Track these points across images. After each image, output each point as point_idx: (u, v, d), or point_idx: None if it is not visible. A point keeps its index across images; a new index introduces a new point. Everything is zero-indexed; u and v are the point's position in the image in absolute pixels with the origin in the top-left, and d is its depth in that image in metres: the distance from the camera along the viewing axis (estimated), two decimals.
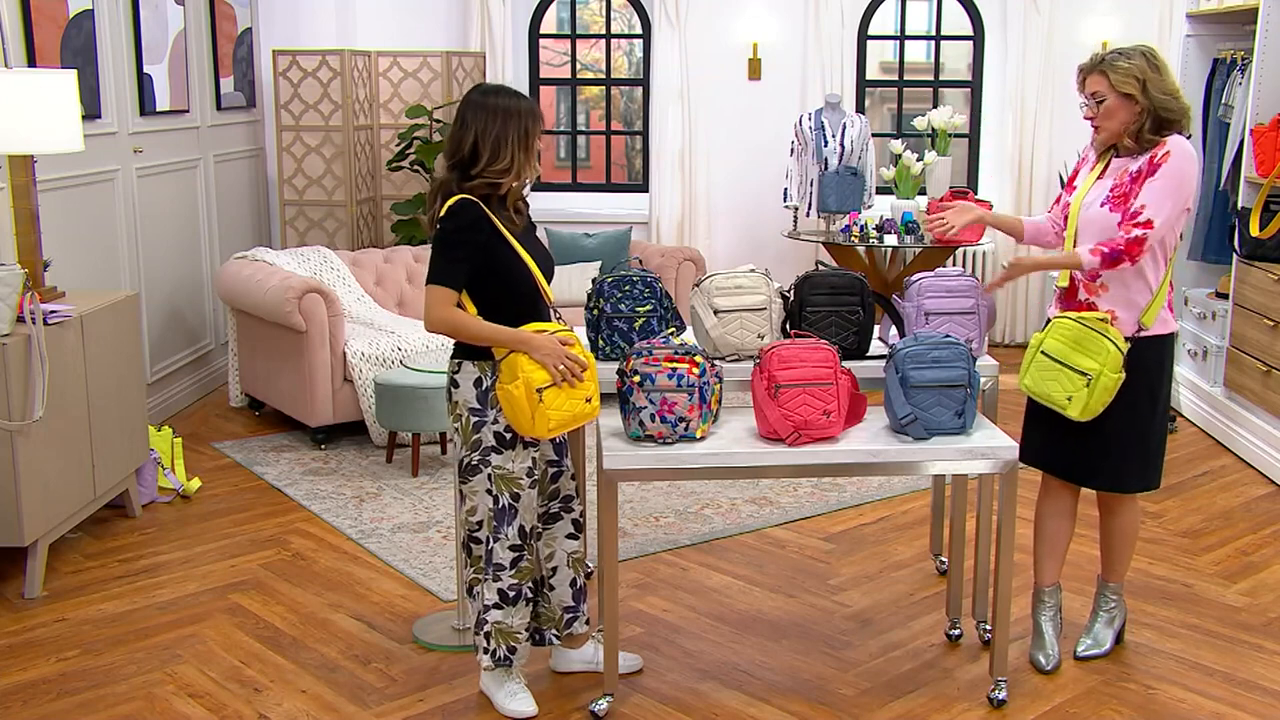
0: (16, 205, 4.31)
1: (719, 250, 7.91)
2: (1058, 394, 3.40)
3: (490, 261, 3.17)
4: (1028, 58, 7.62)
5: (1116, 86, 3.40)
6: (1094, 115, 3.47)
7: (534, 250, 3.27)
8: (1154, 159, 3.40)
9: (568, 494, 3.44)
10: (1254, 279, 5.50)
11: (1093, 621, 3.76)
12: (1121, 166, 3.50)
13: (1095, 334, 3.34)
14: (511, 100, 3.19)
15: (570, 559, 3.46)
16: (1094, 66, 3.45)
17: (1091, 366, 3.34)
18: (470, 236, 3.14)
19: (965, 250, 7.53)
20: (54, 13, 5.09)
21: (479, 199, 3.16)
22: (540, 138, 3.24)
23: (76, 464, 4.34)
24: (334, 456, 5.61)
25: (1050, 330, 3.44)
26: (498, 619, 3.31)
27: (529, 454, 3.25)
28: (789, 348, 3.26)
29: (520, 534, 3.27)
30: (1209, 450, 5.76)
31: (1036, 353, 3.45)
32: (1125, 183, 3.44)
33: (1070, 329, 3.39)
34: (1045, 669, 3.63)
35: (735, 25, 7.80)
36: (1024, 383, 3.50)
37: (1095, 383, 3.32)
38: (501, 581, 3.29)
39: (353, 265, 6.54)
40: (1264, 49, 5.61)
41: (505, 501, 3.26)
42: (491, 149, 3.13)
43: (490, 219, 3.16)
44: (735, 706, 3.42)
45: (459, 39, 7.80)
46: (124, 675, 3.58)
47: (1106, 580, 3.75)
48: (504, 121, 3.14)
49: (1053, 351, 3.40)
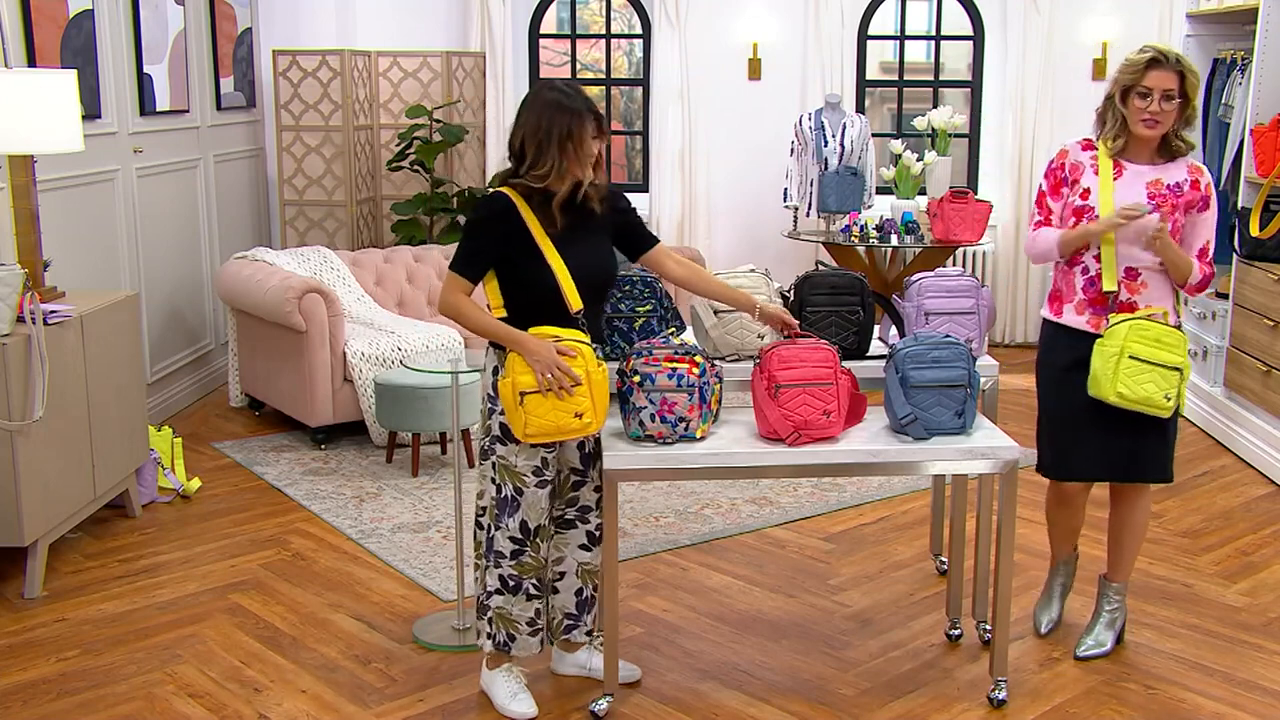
0: (16, 205, 4.31)
1: (719, 250, 7.91)
2: (1156, 395, 3.37)
3: (512, 258, 3.16)
4: (1028, 58, 7.62)
5: (1189, 90, 3.41)
6: (1160, 113, 3.40)
7: (579, 256, 3.17)
8: (1198, 186, 3.49)
9: (586, 504, 3.40)
10: (1254, 279, 5.50)
11: (1094, 622, 3.77)
12: (1148, 175, 3.48)
13: (1170, 329, 3.39)
14: (562, 97, 3.10)
15: (580, 569, 3.44)
16: (1170, 63, 3.40)
17: (1178, 361, 3.39)
18: (491, 229, 3.15)
19: (965, 250, 7.53)
20: (54, 13, 5.09)
21: (523, 195, 3.14)
22: (597, 140, 3.12)
23: (76, 464, 4.34)
24: (334, 456, 5.61)
25: (1129, 334, 3.36)
26: (499, 604, 3.32)
27: (537, 453, 3.23)
28: (789, 348, 3.26)
29: (523, 529, 3.26)
30: (1209, 450, 5.76)
31: (1122, 359, 3.35)
32: (1167, 195, 3.46)
33: (1149, 329, 3.36)
34: (1041, 631, 3.80)
35: (735, 25, 7.80)
36: (1117, 391, 3.37)
37: (1184, 375, 3.39)
38: (502, 569, 3.29)
39: (353, 265, 6.54)
40: (1264, 49, 5.61)
41: (509, 492, 3.25)
42: (536, 149, 3.10)
43: (520, 216, 3.13)
44: (735, 706, 3.42)
45: (459, 39, 7.80)
46: (124, 675, 3.58)
47: (1111, 580, 3.76)
48: (549, 121, 3.08)
49: (1142, 355, 3.35)
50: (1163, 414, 3.41)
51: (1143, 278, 3.49)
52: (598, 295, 3.29)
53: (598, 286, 3.27)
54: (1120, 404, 3.39)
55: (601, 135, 3.14)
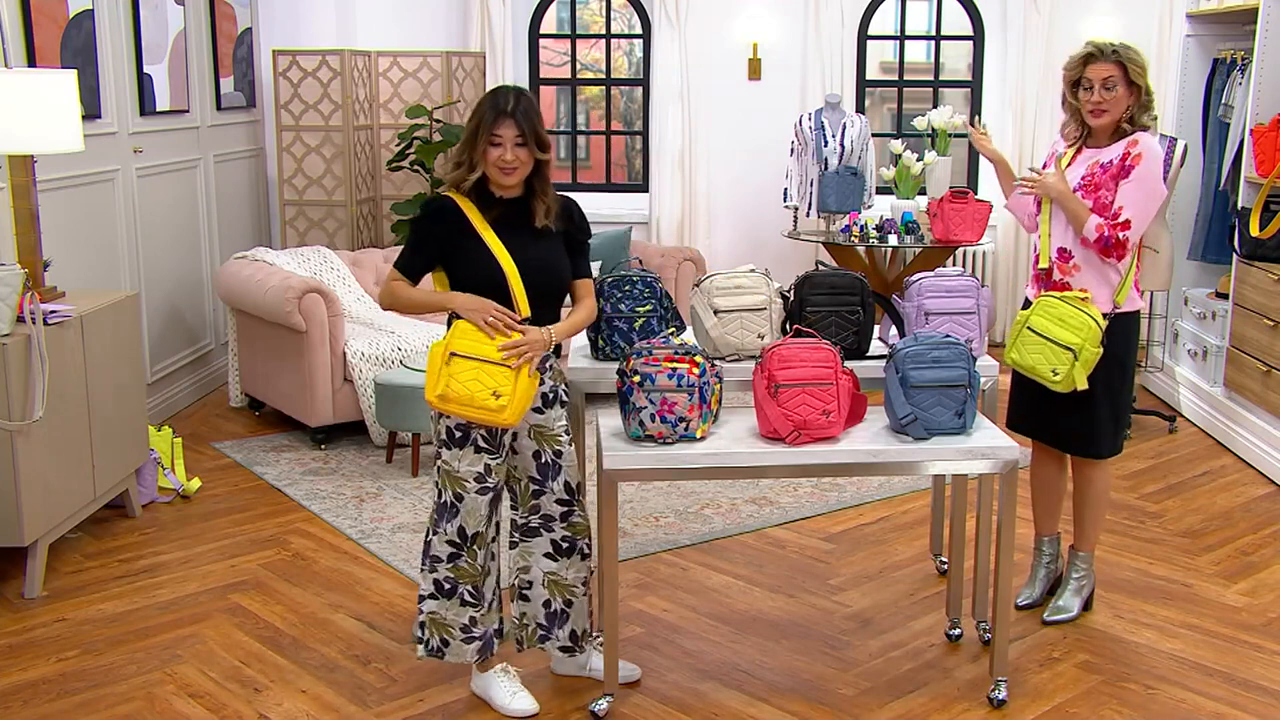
0: (16, 205, 4.31)
1: (719, 250, 7.91)
2: (1043, 367, 3.61)
3: (453, 254, 3.21)
4: (1028, 58, 7.62)
5: (1132, 76, 3.63)
6: (1103, 101, 3.65)
7: (530, 259, 3.20)
8: (1126, 158, 3.65)
9: (548, 513, 3.37)
10: (1254, 279, 5.50)
11: (1062, 589, 3.97)
12: (1092, 157, 3.74)
13: (1078, 311, 3.57)
14: (488, 97, 3.20)
15: (548, 579, 3.41)
16: (1106, 55, 3.63)
17: (1075, 341, 3.55)
18: (429, 228, 3.22)
19: (965, 250, 7.53)
20: (54, 13, 5.09)
21: (466, 195, 3.20)
22: (493, 132, 3.12)
23: (76, 464, 4.34)
24: (334, 456, 5.61)
25: (1035, 308, 3.65)
26: (431, 609, 3.31)
27: (481, 459, 3.22)
28: (789, 347, 3.26)
29: (460, 534, 3.25)
30: (1209, 450, 5.76)
31: (1023, 329, 3.65)
32: (1096, 173, 3.70)
33: (1054, 306, 3.61)
34: (1019, 604, 3.97)
35: (735, 25, 7.80)
36: (1010, 356, 3.69)
37: (1079, 356, 3.54)
38: (437, 573, 3.29)
39: (353, 265, 6.54)
40: (1264, 49, 5.61)
41: (448, 498, 3.25)
42: (460, 145, 3.23)
43: (461, 213, 3.19)
44: (735, 706, 3.42)
45: (459, 39, 7.80)
46: (124, 675, 3.58)
47: (1078, 549, 3.98)
48: (472, 118, 3.20)
49: (1038, 328, 3.62)
50: (1054, 387, 3.60)
51: (1074, 261, 3.73)
52: (548, 300, 3.26)
53: (547, 289, 3.26)
54: (1015, 368, 3.70)
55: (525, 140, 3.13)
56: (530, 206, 3.24)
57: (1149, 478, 5.36)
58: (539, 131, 3.17)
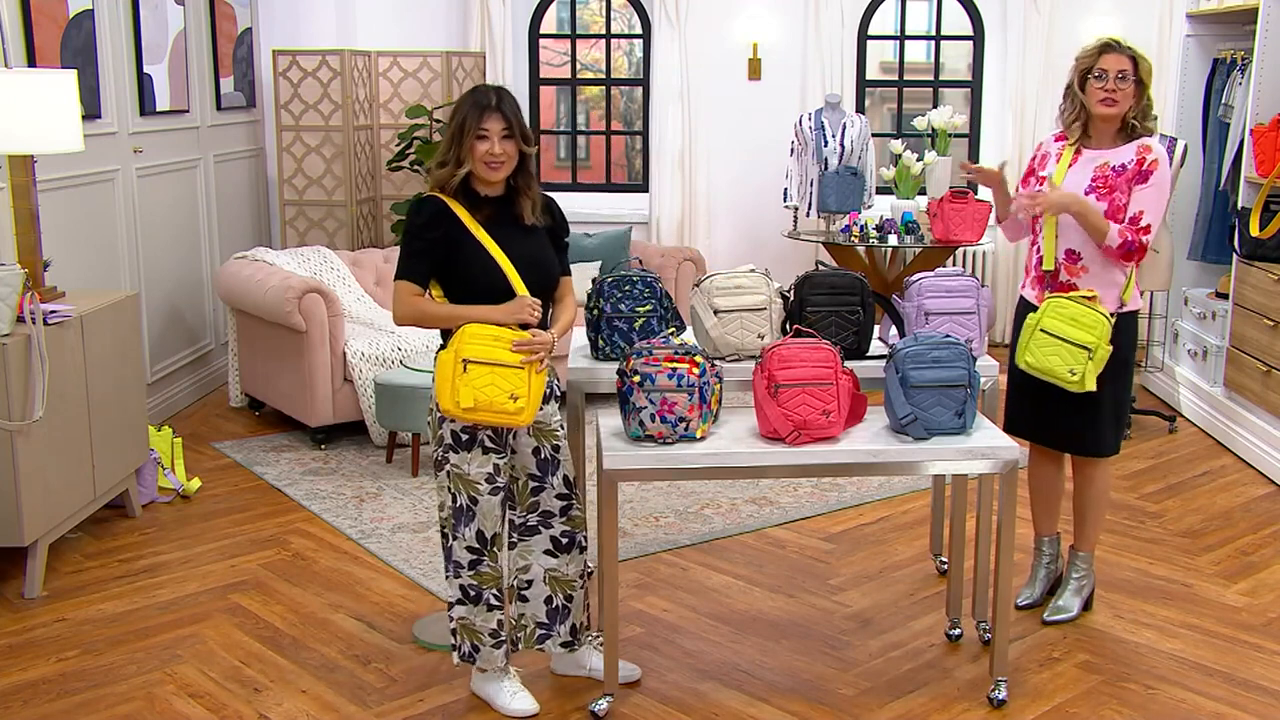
0: (16, 205, 4.31)
1: (719, 250, 7.90)
2: (1060, 369, 3.58)
3: (452, 255, 3.19)
4: (1028, 58, 7.62)
5: (1141, 73, 3.65)
6: (1115, 91, 3.63)
7: (521, 252, 3.22)
8: (1142, 163, 3.65)
9: (548, 509, 3.38)
10: (1254, 279, 5.50)
11: (1062, 589, 3.97)
12: (1099, 159, 3.71)
13: (1088, 310, 3.56)
14: (469, 94, 3.19)
15: (548, 576, 3.42)
16: (1122, 48, 3.66)
17: (1090, 340, 3.54)
18: (426, 232, 3.19)
19: (965, 250, 7.53)
20: (54, 13, 5.09)
21: (452, 195, 3.19)
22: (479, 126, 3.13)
23: (76, 464, 4.33)
24: (334, 456, 5.61)
25: (1045, 310, 3.62)
26: (461, 615, 3.32)
27: (490, 459, 3.22)
28: (789, 347, 3.26)
29: (479, 538, 3.26)
30: (1209, 450, 5.76)
31: (1035, 331, 3.61)
32: (1109, 176, 3.67)
33: (1065, 307, 3.60)
34: (1019, 604, 3.96)
35: (735, 25, 7.80)
36: (1025, 360, 3.64)
37: (1095, 355, 3.53)
38: (461, 579, 3.29)
39: (353, 265, 6.54)
40: (1264, 49, 5.61)
41: (463, 502, 3.25)
42: (443, 143, 3.21)
43: (454, 214, 3.18)
44: (735, 706, 3.42)
45: (459, 39, 7.80)
46: (124, 675, 3.58)
47: (1078, 549, 3.98)
48: (453, 117, 3.19)
49: (1052, 329, 3.59)
50: (1070, 388, 3.58)
51: (1083, 262, 3.70)
52: (542, 296, 3.26)
53: (543, 285, 3.27)
54: (1029, 371, 3.64)
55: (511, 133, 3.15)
56: (517, 204, 3.25)
57: (1149, 478, 5.36)
58: (524, 125, 3.20)
